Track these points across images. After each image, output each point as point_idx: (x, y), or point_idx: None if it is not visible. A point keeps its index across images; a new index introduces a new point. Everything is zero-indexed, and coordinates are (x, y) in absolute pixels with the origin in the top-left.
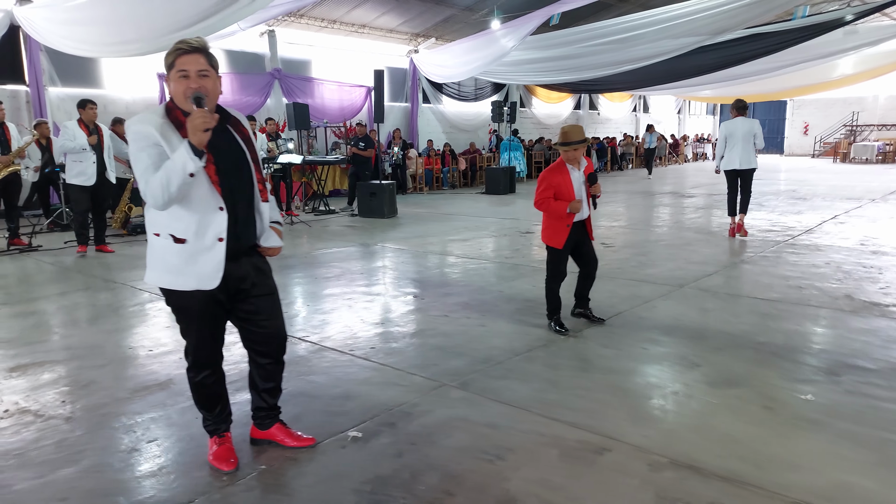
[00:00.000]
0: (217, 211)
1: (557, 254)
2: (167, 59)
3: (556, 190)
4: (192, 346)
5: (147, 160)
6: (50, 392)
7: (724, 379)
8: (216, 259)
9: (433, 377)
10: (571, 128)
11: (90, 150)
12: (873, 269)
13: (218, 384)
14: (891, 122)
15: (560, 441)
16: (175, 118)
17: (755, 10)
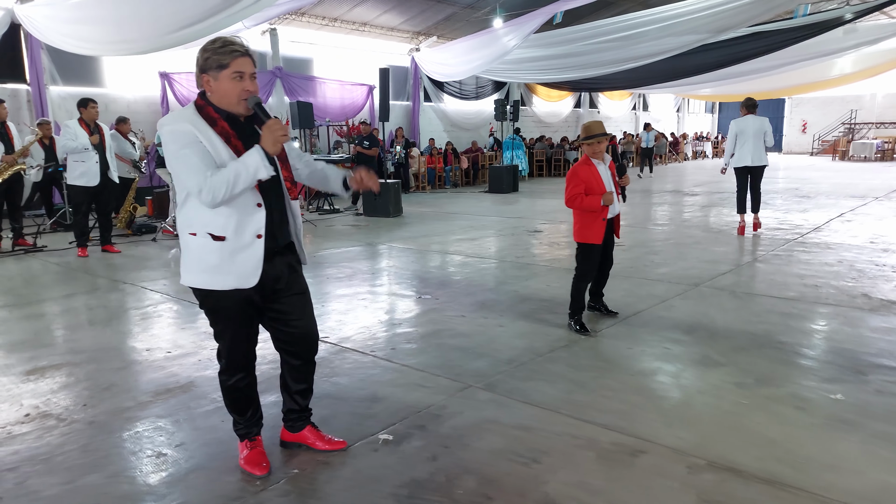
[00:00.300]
0: (256, 208)
1: (592, 250)
2: (218, 58)
3: (587, 185)
4: (226, 349)
5: (194, 157)
6: (70, 395)
7: (752, 379)
8: (255, 257)
9: (458, 378)
10: (593, 122)
11: (92, 149)
12: (886, 267)
13: (250, 387)
14: (889, 121)
15: (594, 443)
16: (207, 115)
17: (758, 8)
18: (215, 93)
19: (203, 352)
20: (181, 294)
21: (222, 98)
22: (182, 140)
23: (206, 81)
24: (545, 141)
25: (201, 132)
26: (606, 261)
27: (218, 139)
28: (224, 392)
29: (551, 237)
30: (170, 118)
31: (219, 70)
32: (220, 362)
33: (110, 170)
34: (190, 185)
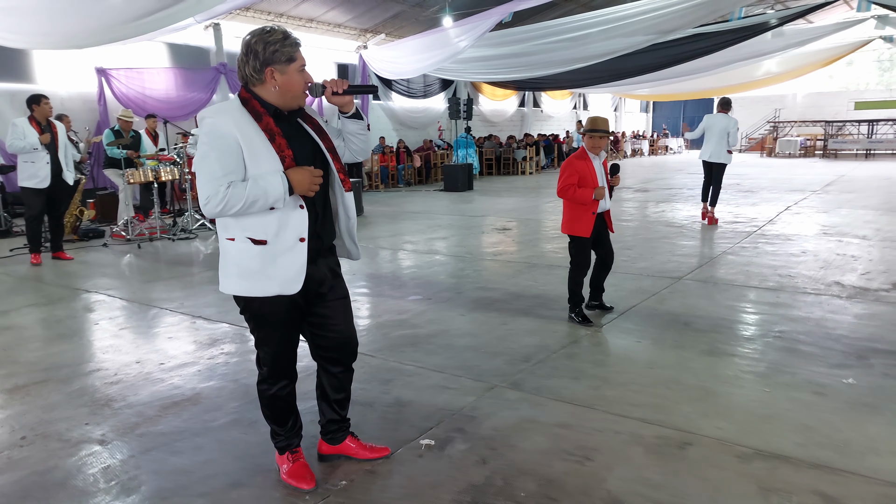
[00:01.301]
0: (297, 209)
1: (583, 243)
2: (288, 50)
3: (580, 177)
4: (270, 356)
5: (216, 165)
6: (67, 413)
7: (765, 367)
8: (298, 261)
9: (480, 378)
10: (599, 118)
11: (42, 149)
12: (846, 256)
13: (292, 396)
14: (809, 119)
15: (639, 438)
16: (252, 109)
17: (702, 10)
18: (281, 86)
19: (202, 361)
20: (153, 302)
21: (287, 91)
22: (214, 139)
23: (268, 74)
24: (494, 139)
25: (242, 129)
26: (608, 253)
27: (260, 137)
28: (265, 402)
29: (522, 234)
30: (213, 110)
31: (288, 63)
32: (262, 370)
33: (63, 171)
34: (200, 189)
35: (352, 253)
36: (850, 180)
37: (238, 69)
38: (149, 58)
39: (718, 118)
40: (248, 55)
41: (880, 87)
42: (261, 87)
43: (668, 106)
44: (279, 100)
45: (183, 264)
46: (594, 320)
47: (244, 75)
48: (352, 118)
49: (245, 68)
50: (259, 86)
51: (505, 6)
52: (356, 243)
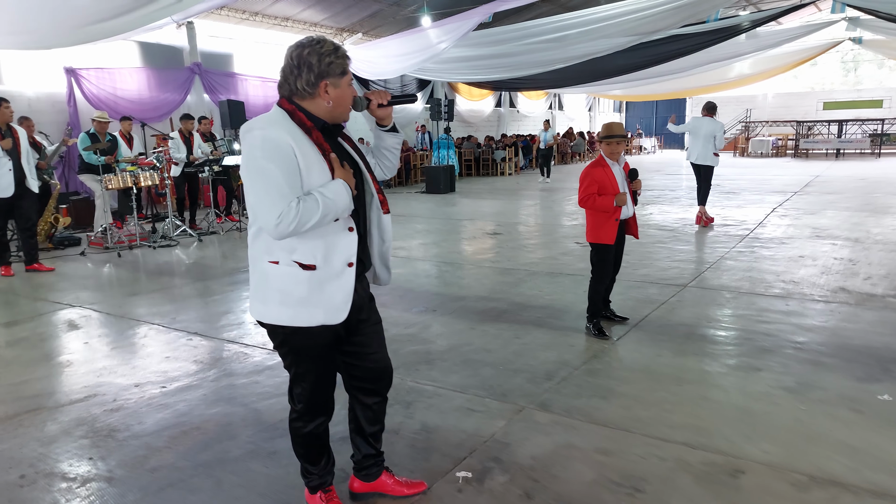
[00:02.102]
0: (346, 232)
1: (606, 250)
2: (341, 63)
3: (600, 185)
4: (307, 392)
5: (281, 180)
6: (67, 446)
7: (795, 383)
8: (346, 287)
9: (505, 398)
10: (614, 123)
11: (3, 155)
12: (844, 259)
13: (326, 433)
14: (779, 119)
15: (685, 465)
16: (300, 122)
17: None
18: (334, 100)
19: (206, 383)
20: (143, 317)
21: (338, 105)
22: (272, 152)
23: (322, 88)
24: (472, 140)
25: (297, 142)
26: (616, 263)
27: (314, 150)
28: (299, 440)
29: (515, 240)
30: (262, 121)
31: (341, 76)
32: (296, 407)
33: (27, 178)
34: (265, 208)
35: (382, 278)
36: (826, 181)
37: (283, 82)
38: (120, 57)
39: (705, 122)
40: (300, 67)
41: (845, 88)
42: (310, 100)
43: (641, 106)
44: (328, 114)
45: (167, 274)
46: (611, 332)
47: (293, 88)
48: (390, 132)
49: (296, 81)
50: (308, 99)
51: (486, 6)
52: (389, 268)
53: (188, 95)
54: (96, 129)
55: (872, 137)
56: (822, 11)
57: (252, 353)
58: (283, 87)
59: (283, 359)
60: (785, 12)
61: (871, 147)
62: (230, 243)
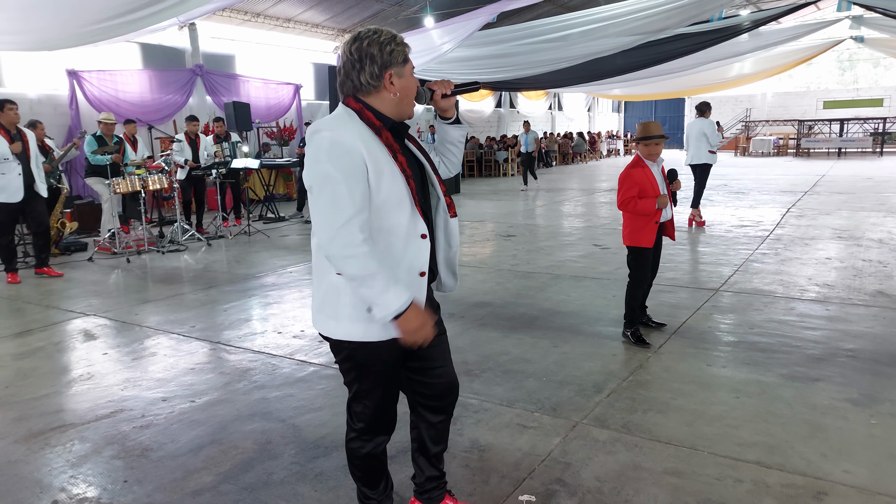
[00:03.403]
0: (419, 239)
1: (644, 254)
2: (403, 50)
3: (640, 187)
4: (371, 410)
5: (345, 193)
6: (99, 468)
7: (858, 394)
8: (419, 298)
9: (557, 413)
10: (651, 123)
11: (13, 159)
12: (873, 262)
13: (385, 453)
14: (779, 118)
15: (764, 487)
16: (369, 122)
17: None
18: (400, 91)
19: (237, 397)
20: (161, 325)
21: (405, 97)
22: (341, 158)
23: (388, 78)
24: (473, 141)
25: (367, 143)
26: (654, 266)
27: (384, 153)
28: (358, 462)
29: (530, 241)
30: (330, 122)
31: (404, 64)
32: (356, 426)
33: (36, 182)
34: (322, 218)
35: (447, 285)
36: (833, 180)
37: (344, 79)
38: (122, 59)
39: (694, 123)
40: (362, 60)
41: (840, 87)
42: (375, 95)
43: (640, 106)
44: (395, 109)
45: (179, 281)
46: (652, 340)
47: (356, 84)
48: (453, 124)
49: (360, 76)
50: (373, 94)
51: (491, 7)
52: (455, 274)
53: (190, 97)
54: (103, 131)
55: (874, 136)
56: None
57: (280, 363)
58: (346, 85)
59: (346, 374)
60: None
61: (873, 146)
62: (239, 247)
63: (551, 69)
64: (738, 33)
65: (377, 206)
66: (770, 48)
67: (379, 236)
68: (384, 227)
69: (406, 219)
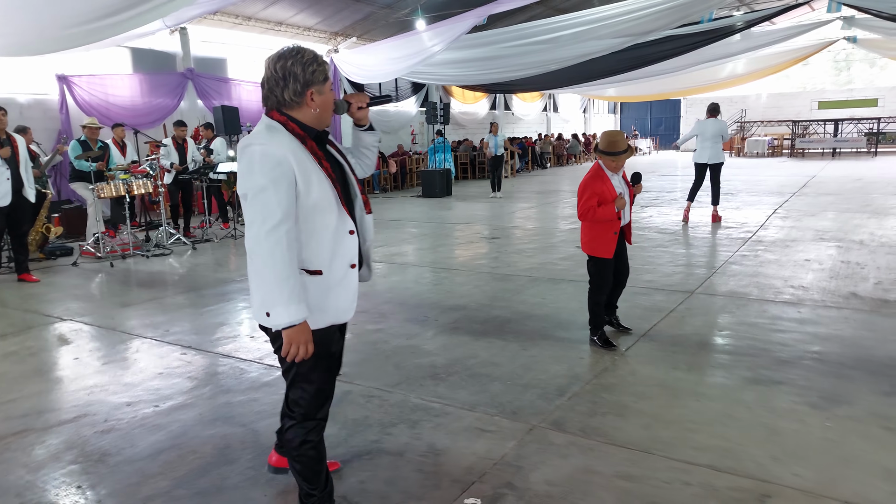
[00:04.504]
0: (347, 235)
1: (605, 263)
2: (323, 69)
3: (600, 197)
4: (310, 395)
5: (273, 202)
6: (55, 473)
7: (819, 398)
8: (351, 288)
9: (517, 417)
10: (618, 135)
11: (2, 164)
12: (851, 263)
13: (323, 442)
14: (773, 119)
15: (713, 490)
16: (294, 132)
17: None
18: (320, 106)
19: (201, 402)
20: (135, 330)
21: (325, 111)
22: (272, 169)
23: (309, 95)
24: (467, 143)
25: (295, 154)
26: (624, 269)
27: (311, 160)
28: (305, 461)
29: (513, 244)
30: (261, 136)
31: (324, 83)
32: (293, 413)
33: (25, 187)
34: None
35: (364, 276)
36: (822, 181)
37: (269, 94)
38: (112, 64)
39: (710, 123)
40: (286, 79)
41: (836, 87)
42: (298, 109)
43: (636, 107)
44: (315, 121)
45: (160, 284)
46: (620, 343)
47: (280, 100)
48: (367, 131)
49: (283, 93)
50: (296, 109)
51: (480, 9)
52: (370, 266)
53: (181, 101)
54: (87, 135)
55: (868, 136)
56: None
57: (248, 368)
58: (270, 100)
59: (282, 362)
60: (779, 12)
61: (868, 146)
62: (224, 251)
63: (543, 71)
64: (728, 34)
65: (309, 209)
66: (762, 49)
67: (312, 236)
68: (317, 227)
69: (335, 218)
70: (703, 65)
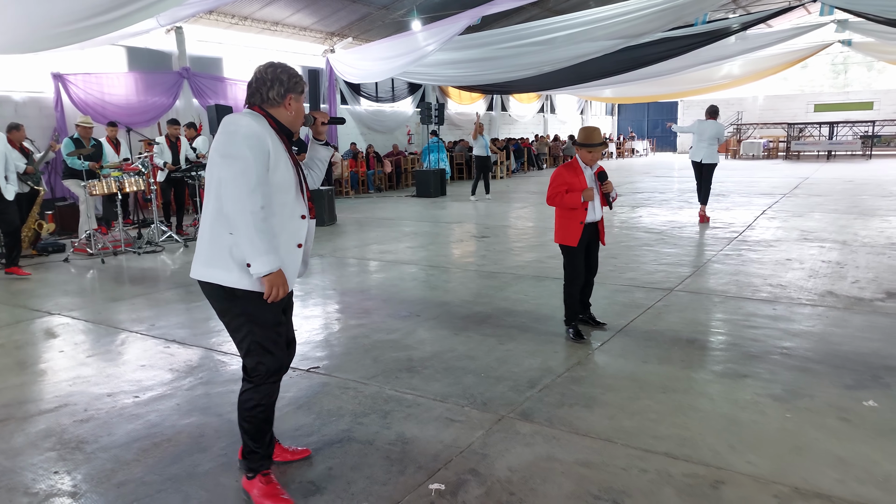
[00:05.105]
0: (299, 219)
1: (571, 252)
2: (300, 81)
3: (569, 185)
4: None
5: (252, 169)
6: (33, 459)
7: (782, 390)
8: (294, 264)
9: (486, 408)
10: (593, 130)
11: None
12: (831, 262)
13: (273, 405)
14: (770, 121)
15: (668, 477)
16: (270, 125)
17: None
18: (294, 111)
19: (180, 392)
20: (121, 324)
21: (298, 116)
22: (252, 140)
23: (289, 100)
24: (462, 144)
25: (272, 139)
26: (591, 268)
27: (282, 147)
28: (247, 414)
29: (502, 243)
30: (247, 118)
31: (301, 93)
32: (250, 375)
33: (4, 184)
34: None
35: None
36: (814, 183)
37: (255, 91)
38: (108, 62)
39: (709, 125)
40: (273, 81)
41: (834, 90)
42: (277, 109)
43: (633, 109)
44: (289, 123)
45: (150, 280)
46: (593, 338)
47: (264, 97)
48: (324, 146)
49: (269, 92)
50: (276, 108)
51: (474, 10)
52: (307, 264)
53: (177, 100)
54: (80, 134)
55: (863, 139)
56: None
57: (230, 361)
58: (255, 96)
59: (237, 329)
60: (773, 15)
61: (862, 149)
62: None
63: (538, 72)
64: (723, 36)
65: (273, 187)
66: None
67: (276, 211)
68: (275, 203)
69: (292, 200)
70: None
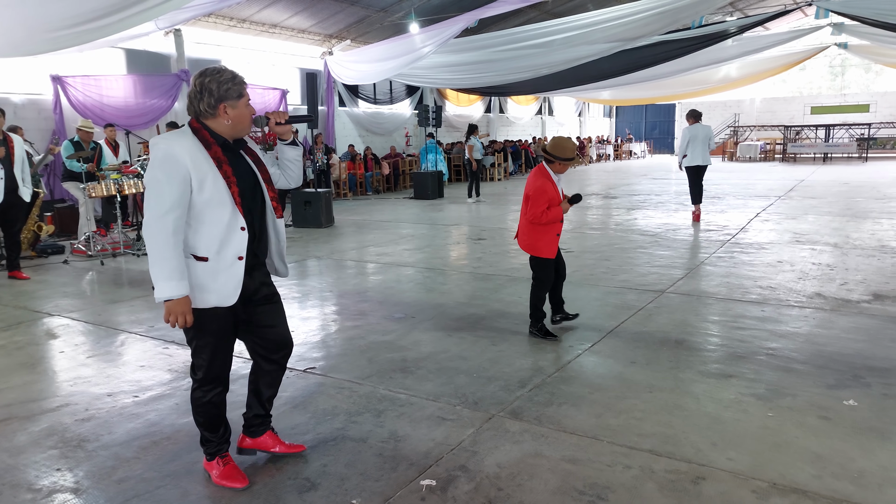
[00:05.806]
0: (238, 231)
1: (548, 263)
2: (238, 88)
3: (550, 200)
4: (206, 363)
5: (165, 192)
6: (35, 457)
7: (765, 389)
8: (236, 277)
9: (477, 407)
10: (568, 142)
11: None
12: (822, 265)
13: (223, 404)
14: (767, 123)
15: (651, 473)
16: (203, 138)
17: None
18: (232, 119)
19: (178, 392)
20: (121, 325)
21: (238, 123)
22: (166, 164)
23: (222, 110)
24: (460, 146)
25: (193, 156)
26: (560, 264)
27: (209, 163)
28: (199, 409)
29: (498, 245)
30: (167, 137)
31: (238, 99)
32: (196, 376)
33: (20, 187)
34: (147, 212)
35: (280, 271)
36: (810, 185)
37: (190, 104)
38: (107, 65)
39: (699, 128)
40: (202, 93)
41: (832, 92)
42: (213, 120)
43: (631, 111)
44: (229, 131)
45: (148, 282)
46: (585, 339)
47: (197, 110)
48: (290, 145)
49: (199, 104)
50: (211, 119)
51: (471, 13)
52: (285, 263)
53: (175, 102)
54: (80, 137)
55: (859, 142)
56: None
57: None
58: (191, 109)
59: (186, 334)
60: (770, 18)
61: (859, 151)
62: None
63: (536, 75)
64: (720, 39)
65: (202, 204)
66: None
67: (202, 227)
68: (208, 220)
69: (228, 214)
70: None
